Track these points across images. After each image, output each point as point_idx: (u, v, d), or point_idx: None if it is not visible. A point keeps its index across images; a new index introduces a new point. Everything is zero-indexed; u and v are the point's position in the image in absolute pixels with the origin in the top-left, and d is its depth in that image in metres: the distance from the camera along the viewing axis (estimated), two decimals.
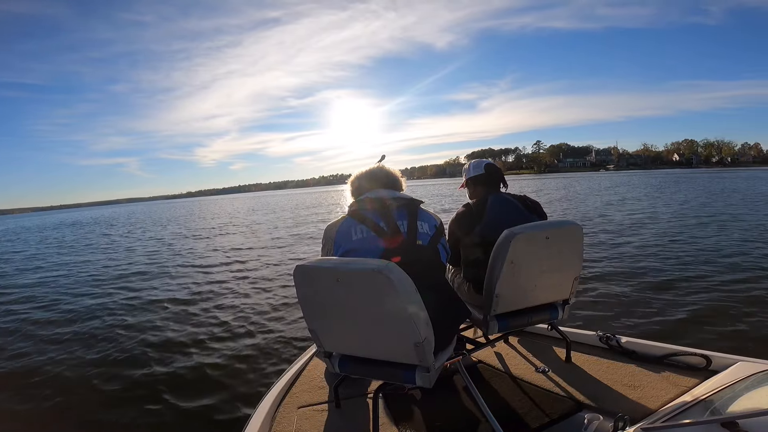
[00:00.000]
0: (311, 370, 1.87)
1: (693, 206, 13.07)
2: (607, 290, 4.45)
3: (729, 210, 11.54)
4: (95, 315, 4.90)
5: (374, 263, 1.12)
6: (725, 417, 0.89)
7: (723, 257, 5.73)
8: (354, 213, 1.39)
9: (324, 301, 1.25)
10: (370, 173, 1.54)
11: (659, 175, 53.79)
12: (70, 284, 7.03)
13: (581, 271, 1.72)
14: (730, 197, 15.38)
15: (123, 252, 10.93)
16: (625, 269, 5.32)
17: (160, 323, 4.39)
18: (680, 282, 4.62)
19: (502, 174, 1.96)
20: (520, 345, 2.02)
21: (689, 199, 15.44)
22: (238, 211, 29.00)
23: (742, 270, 4.98)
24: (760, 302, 3.82)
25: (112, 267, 8.49)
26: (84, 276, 7.70)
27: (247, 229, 15.00)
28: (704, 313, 3.65)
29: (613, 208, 13.51)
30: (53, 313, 5.19)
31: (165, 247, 11.18)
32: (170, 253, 9.98)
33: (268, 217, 20.71)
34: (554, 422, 1.41)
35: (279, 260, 7.84)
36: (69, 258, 10.71)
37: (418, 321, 1.13)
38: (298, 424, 1.49)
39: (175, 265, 8.04)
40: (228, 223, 18.28)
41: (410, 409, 1.56)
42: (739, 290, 4.20)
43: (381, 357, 1.27)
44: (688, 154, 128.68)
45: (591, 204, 15.69)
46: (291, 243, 10.31)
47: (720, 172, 56.95)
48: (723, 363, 1.50)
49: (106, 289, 6.38)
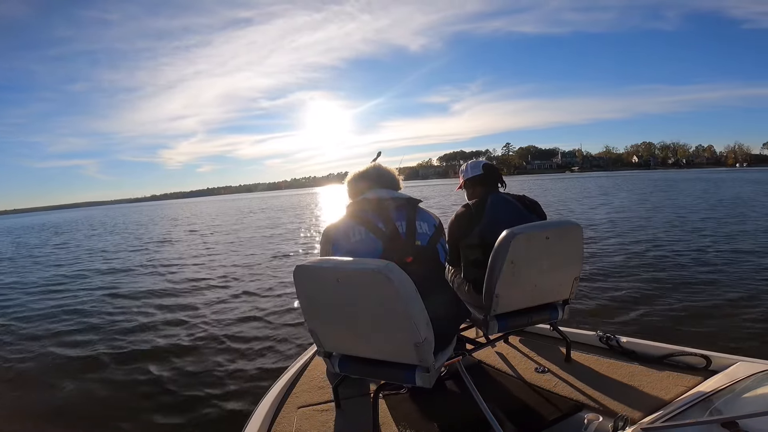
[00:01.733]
0: (311, 370, 1.87)
1: (692, 208, 13.08)
2: (607, 290, 4.45)
3: (728, 210, 11.55)
4: (91, 313, 4.90)
5: (374, 263, 1.12)
6: (725, 417, 0.89)
7: (722, 257, 5.73)
8: (352, 214, 1.39)
9: (324, 301, 1.25)
10: (367, 173, 1.52)
11: (629, 177, 52.75)
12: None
13: (581, 271, 1.72)
14: (723, 200, 15.40)
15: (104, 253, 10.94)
16: (625, 269, 5.32)
17: (160, 323, 4.39)
18: (680, 282, 4.62)
19: (500, 174, 1.96)
20: (520, 345, 2.02)
21: (685, 201, 15.47)
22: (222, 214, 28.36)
23: (742, 270, 4.99)
24: (760, 302, 3.82)
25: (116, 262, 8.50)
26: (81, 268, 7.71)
27: (239, 229, 15.01)
28: (704, 313, 3.65)
29: (612, 209, 13.52)
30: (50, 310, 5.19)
31: (153, 245, 11.20)
32: (157, 252, 10.00)
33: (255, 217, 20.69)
34: (554, 422, 1.41)
35: (279, 260, 7.85)
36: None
37: (418, 321, 1.13)
38: (298, 424, 1.49)
39: (169, 265, 8.06)
40: (212, 225, 18.14)
41: (410, 409, 1.56)
42: (739, 290, 4.20)
43: (381, 357, 1.27)
44: (646, 156, 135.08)
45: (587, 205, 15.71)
46: (285, 242, 10.31)
47: (698, 173, 56.60)
48: (723, 363, 1.50)
49: (94, 282, 6.40)
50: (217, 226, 17.29)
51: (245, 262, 7.87)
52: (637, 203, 15.26)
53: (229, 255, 8.88)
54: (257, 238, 11.88)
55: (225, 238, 12.58)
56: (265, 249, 9.43)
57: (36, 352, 3.80)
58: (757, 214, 10.28)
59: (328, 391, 1.67)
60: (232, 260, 8.13)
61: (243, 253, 9.05)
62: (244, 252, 9.17)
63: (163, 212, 42.30)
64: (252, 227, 15.45)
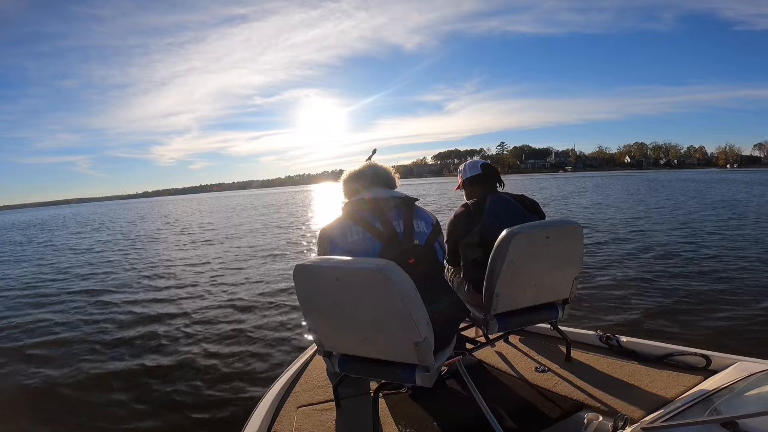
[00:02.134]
0: (311, 370, 1.87)
1: (689, 208, 13.07)
2: (607, 290, 4.45)
3: (728, 212, 11.55)
4: (89, 313, 4.90)
5: (374, 262, 1.12)
6: (725, 417, 0.89)
7: (722, 257, 5.73)
8: (349, 214, 1.38)
9: (324, 301, 1.25)
10: (363, 172, 1.50)
11: (622, 177, 52.21)
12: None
13: (581, 270, 1.72)
14: (722, 200, 15.40)
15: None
16: (626, 269, 5.33)
17: (160, 323, 4.39)
18: (680, 282, 4.62)
19: (498, 173, 1.96)
20: (520, 344, 2.02)
21: (682, 202, 15.47)
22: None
23: (742, 270, 4.99)
24: (760, 302, 3.82)
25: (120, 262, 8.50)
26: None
27: (242, 228, 15.00)
28: (704, 313, 3.65)
29: (609, 209, 13.51)
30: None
31: (153, 243, 11.20)
32: (150, 250, 10.00)
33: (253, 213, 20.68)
34: (554, 422, 1.41)
35: (279, 259, 7.85)
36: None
37: (418, 320, 1.13)
38: (298, 424, 1.49)
39: (167, 265, 8.06)
40: (206, 224, 17.99)
41: (410, 409, 1.56)
42: (740, 290, 4.20)
43: (381, 357, 1.27)
44: (638, 156, 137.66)
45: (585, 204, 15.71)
46: (287, 243, 10.31)
47: (695, 174, 56.11)
48: (723, 363, 1.50)
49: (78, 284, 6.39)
50: (208, 224, 17.18)
51: (245, 261, 7.88)
52: (634, 204, 15.27)
53: (229, 255, 8.87)
54: (253, 236, 11.88)
55: (219, 235, 12.59)
56: (264, 249, 9.42)
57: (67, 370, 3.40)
58: (756, 215, 10.29)
59: (328, 390, 1.67)
60: (231, 260, 8.14)
61: (243, 252, 9.05)
62: (244, 252, 9.17)
63: (156, 209, 41.97)
64: (246, 224, 15.35)
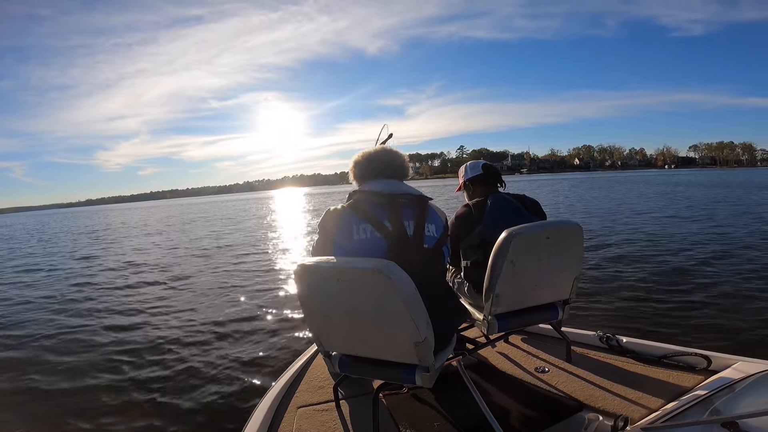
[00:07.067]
0: (311, 370, 1.87)
1: (688, 208, 13.07)
2: (607, 290, 4.45)
3: (728, 212, 11.55)
4: (87, 315, 4.90)
5: (375, 263, 1.12)
6: (725, 417, 0.89)
7: (722, 257, 5.72)
8: (356, 207, 1.29)
9: (324, 301, 1.24)
10: (377, 156, 1.40)
11: (572, 180, 50.82)
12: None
13: (581, 271, 1.72)
14: (722, 199, 15.40)
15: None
16: (626, 269, 5.32)
17: (158, 324, 4.39)
18: (680, 282, 4.61)
19: (499, 174, 1.96)
20: (520, 345, 2.02)
21: (679, 201, 15.49)
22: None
23: (741, 270, 4.98)
24: (760, 302, 3.82)
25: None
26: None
27: (247, 225, 14.99)
28: (704, 313, 3.65)
29: (609, 209, 13.52)
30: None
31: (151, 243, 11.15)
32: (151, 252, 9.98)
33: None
34: (554, 422, 1.41)
35: (278, 259, 7.85)
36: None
37: (418, 321, 1.13)
38: (298, 424, 1.49)
39: (165, 265, 8.06)
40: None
41: (410, 409, 1.56)
42: (740, 290, 4.20)
43: (381, 357, 1.27)
44: (586, 158, 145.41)
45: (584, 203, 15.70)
46: (278, 241, 10.31)
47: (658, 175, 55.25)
48: (723, 363, 1.50)
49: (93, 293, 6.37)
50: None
51: (244, 261, 7.89)
52: (631, 204, 15.27)
53: (227, 254, 8.88)
54: (249, 235, 11.88)
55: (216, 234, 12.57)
56: (262, 248, 9.42)
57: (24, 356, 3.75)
58: (755, 215, 10.28)
59: (328, 390, 1.67)
60: (229, 259, 8.13)
61: (241, 252, 9.05)
62: (243, 251, 9.17)
63: (101, 219, 35.81)
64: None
